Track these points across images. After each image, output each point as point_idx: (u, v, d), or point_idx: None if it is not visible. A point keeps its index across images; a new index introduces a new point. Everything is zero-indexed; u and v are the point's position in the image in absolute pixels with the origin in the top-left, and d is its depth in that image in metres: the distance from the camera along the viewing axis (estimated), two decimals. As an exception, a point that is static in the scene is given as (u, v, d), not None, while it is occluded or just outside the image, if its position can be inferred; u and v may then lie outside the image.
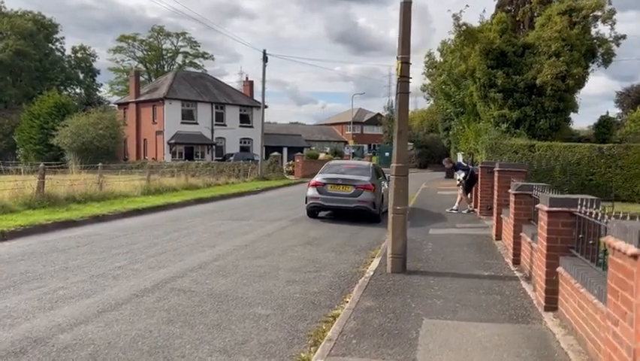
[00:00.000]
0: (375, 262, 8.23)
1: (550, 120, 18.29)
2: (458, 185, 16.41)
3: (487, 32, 18.42)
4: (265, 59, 32.28)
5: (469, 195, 16.45)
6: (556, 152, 17.04)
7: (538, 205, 5.92)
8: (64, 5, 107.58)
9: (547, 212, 5.45)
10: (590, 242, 4.82)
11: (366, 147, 72.27)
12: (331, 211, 14.98)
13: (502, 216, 10.12)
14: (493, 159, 17.63)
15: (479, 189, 14.87)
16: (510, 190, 8.24)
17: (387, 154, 65.32)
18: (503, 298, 6.16)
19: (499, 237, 10.41)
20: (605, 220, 4.38)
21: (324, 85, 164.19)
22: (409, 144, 49.61)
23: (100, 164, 18.38)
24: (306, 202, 14.66)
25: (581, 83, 18.50)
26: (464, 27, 18.23)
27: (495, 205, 10.70)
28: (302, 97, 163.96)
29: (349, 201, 14.04)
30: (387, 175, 17.35)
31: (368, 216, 14.32)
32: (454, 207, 16.18)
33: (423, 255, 8.91)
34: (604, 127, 26.16)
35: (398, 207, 7.36)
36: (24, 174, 21.19)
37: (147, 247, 9.58)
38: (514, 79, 18.16)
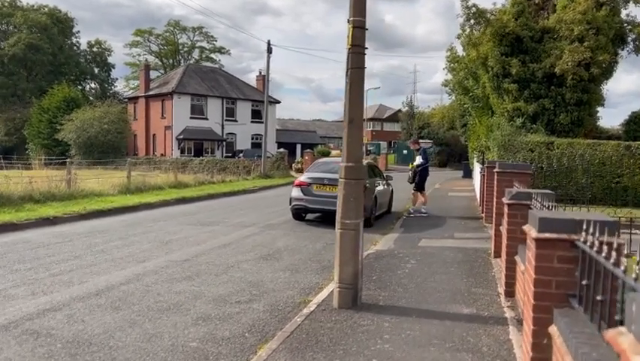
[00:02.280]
0: (328, 290, 6.40)
1: (572, 114, 16.07)
2: (412, 171, 14.51)
3: (502, 15, 16.32)
4: (269, 51, 30.58)
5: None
6: (578, 150, 14.88)
7: (525, 227, 4.02)
8: (95, 3, 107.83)
9: (537, 240, 3.55)
10: (599, 298, 2.93)
11: (384, 143, 69.92)
12: (320, 214, 13.22)
13: (501, 228, 8.16)
14: (506, 157, 15.58)
15: (485, 193, 12.87)
16: (504, 198, 6.31)
17: (404, 152, 63.17)
18: (476, 359, 4.27)
19: (497, 253, 8.45)
20: (622, 267, 2.50)
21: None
22: (427, 141, 47.27)
23: (68, 159, 16.93)
24: (290, 204, 12.96)
25: (608, 72, 16.26)
26: (474, 8, 16.19)
27: (493, 215, 8.74)
28: (328, 94, 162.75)
29: (336, 204, 12.18)
30: (386, 174, 15.56)
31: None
32: (412, 210, 14.36)
33: (395, 279, 7.03)
34: (635, 124, 23.70)
35: (347, 221, 5.51)
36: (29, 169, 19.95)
37: (63, 260, 7.92)
38: (530, 67, 16.02)
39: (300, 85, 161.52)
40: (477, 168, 20.71)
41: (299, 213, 13.10)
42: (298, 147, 52.90)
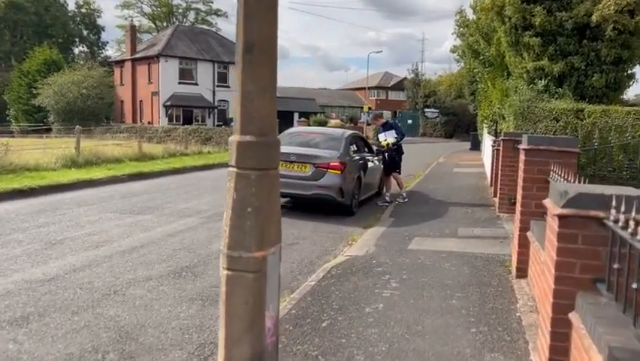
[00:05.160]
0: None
1: (608, 75, 13.03)
2: (382, 151, 11.57)
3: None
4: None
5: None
6: (615, 119, 11.92)
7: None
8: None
9: None
10: None
11: (388, 113, 66.41)
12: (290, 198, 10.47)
13: (529, 236, 5.37)
14: (524, 128, 12.69)
15: (499, 173, 10.04)
16: (549, 203, 3.46)
17: (409, 121, 59.84)
18: None
19: (522, 272, 5.68)
20: None
21: (357, 50, 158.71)
22: (433, 111, 44.82)
23: (12, 126, 14.11)
24: (247, 186, 10.12)
25: (654, 22, 13.17)
26: (489, -60, 13.07)
27: (517, 213, 5.90)
28: (334, 63, 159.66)
29: (305, 187, 9.51)
30: (375, 147, 12.67)
31: (334, 207, 9.81)
32: (386, 198, 11.53)
33: (357, 327, 4.27)
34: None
35: (242, 255, 2.71)
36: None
37: None
38: (558, 17, 12.93)
39: (305, 53, 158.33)
40: (487, 141, 17.81)
41: (262, 197, 10.34)
42: (295, 116, 49.84)
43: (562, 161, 5.28)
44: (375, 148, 11.92)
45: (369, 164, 11.23)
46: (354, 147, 10.80)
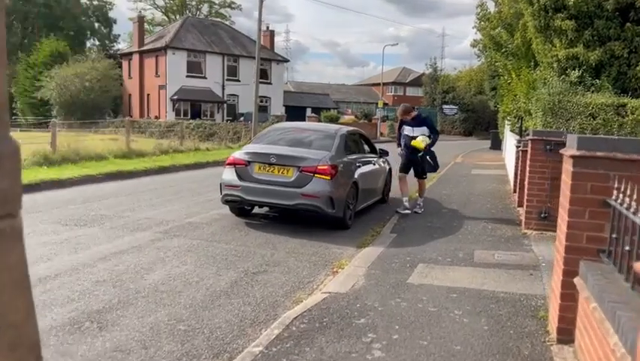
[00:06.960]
0: None
1: (655, 65, 11.23)
2: (422, 153, 9.27)
3: None
4: (262, -7, 25.75)
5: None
6: (664, 117, 10.05)
7: None
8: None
9: None
10: None
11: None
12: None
13: (578, 284, 3.59)
14: (555, 125, 10.86)
15: (526, 180, 8.25)
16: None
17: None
18: None
19: (565, 335, 3.90)
20: None
21: (377, 47, 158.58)
22: (452, 107, 42.72)
23: (12, 118, 12.67)
24: (220, 193, 8.48)
25: None
26: None
27: (559, 247, 4.11)
28: (353, 59, 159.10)
29: (287, 195, 7.77)
30: (380, 148, 10.92)
31: (325, 219, 8.11)
32: (406, 205, 9.39)
33: None
34: None
35: None
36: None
37: None
38: (596, -4, 11.13)
39: (324, 49, 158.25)
40: (510, 140, 15.93)
41: (241, 208, 8.69)
42: (308, 112, 48.21)
43: (630, 175, 3.51)
44: (401, 148, 9.66)
45: (371, 166, 9.51)
46: (351, 147, 9.08)
